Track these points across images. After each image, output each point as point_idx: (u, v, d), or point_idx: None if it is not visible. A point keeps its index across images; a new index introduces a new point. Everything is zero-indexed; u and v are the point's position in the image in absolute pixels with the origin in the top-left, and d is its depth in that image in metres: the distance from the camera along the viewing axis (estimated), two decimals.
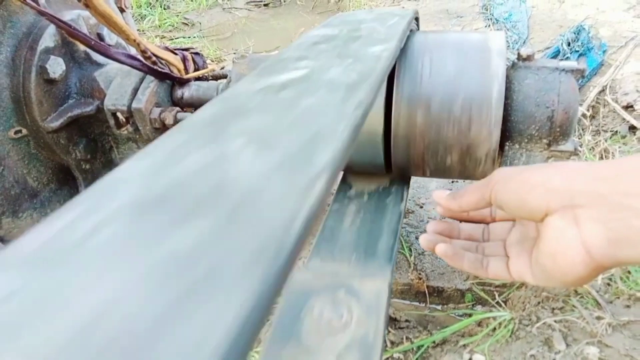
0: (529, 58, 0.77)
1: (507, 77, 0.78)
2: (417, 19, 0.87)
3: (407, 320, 0.77)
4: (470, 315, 0.71)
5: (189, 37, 2.51)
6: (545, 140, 0.77)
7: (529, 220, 0.46)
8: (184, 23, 2.83)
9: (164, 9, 2.96)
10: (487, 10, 1.66)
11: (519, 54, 0.77)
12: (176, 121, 0.90)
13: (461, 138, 0.75)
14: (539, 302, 0.73)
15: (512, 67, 0.79)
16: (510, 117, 0.77)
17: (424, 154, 0.79)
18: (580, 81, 1.26)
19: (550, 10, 1.57)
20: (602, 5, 1.48)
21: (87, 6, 0.84)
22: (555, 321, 0.66)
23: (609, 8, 1.46)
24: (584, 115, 1.23)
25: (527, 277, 0.47)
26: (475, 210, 0.54)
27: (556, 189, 0.40)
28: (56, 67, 0.90)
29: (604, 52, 1.30)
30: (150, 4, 2.94)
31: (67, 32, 0.82)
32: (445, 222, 0.58)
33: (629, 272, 0.71)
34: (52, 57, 0.90)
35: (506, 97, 0.76)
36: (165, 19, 2.78)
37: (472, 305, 0.85)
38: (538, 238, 0.43)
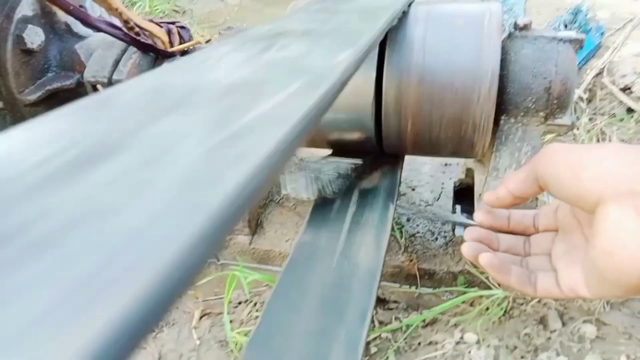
0: (525, 27, 0.74)
1: (503, 47, 0.75)
2: None
3: (396, 301, 0.74)
4: (463, 293, 0.68)
5: None
6: (542, 114, 0.74)
7: (577, 206, 0.40)
8: (175, 10, 2.77)
9: None
10: None
11: (515, 23, 0.74)
12: None
13: (455, 113, 0.72)
14: None
15: (509, 37, 0.76)
16: (506, 89, 0.74)
17: (416, 129, 0.76)
18: (578, 63, 1.23)
19: None
20: None
21: None
22: (550, 299, 0.63)
23: None
24: (580, 98, 1.20)
25: (582, 290, 0.41)
26: (523, 194, 0.47)
27: (613, 173, 0.35)
28: (34, 36, 0.86)
29: (602, 34, 1.28)
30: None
31: None
32: (484, 229, 0.51)
33: None
34: (30, 26, 0.86)
35: (502, 68, 0.73)
36: (156, 6, 2.73)
37: (466, 287, 0.82)
38: (591, 235, 0.37)
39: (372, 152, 0.83)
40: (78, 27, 0.94)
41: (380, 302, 0.74)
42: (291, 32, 0.38)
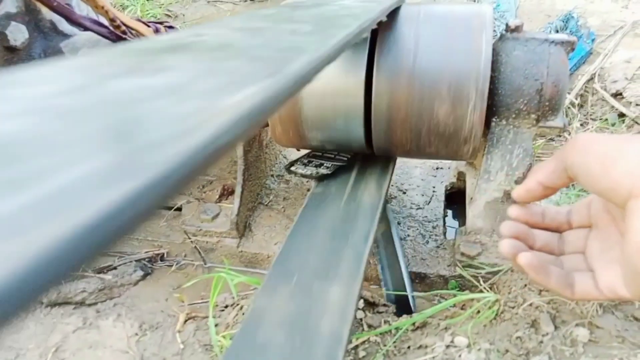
0: (517, 29, 0.73)
1: (495, 49, 0.74)
2: None
3: (385, 305, 0.73)
4: (454, 296, 0.67)
5: None
6: (533, 116, 0.73)
7: (608, 199, 0.39)
8: (167, 15, 2.76)
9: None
10: (476, 1, 1.63)
11: (507, 25, 0.73)
12: None
13: (445, 115, 0.71)
14: (525, 285, 0.69)
15: (500, 39, 0.75)
16: (497, 91, 0.74)
17: (406, 132, 0.75)
18: (569, 69, 1.23)
19: (538, 0, 1.55)
20: None
21: None
22: (542, 302, 0.62)
23: None
24: (572, 103, 1.20)
25: (621, 290, 0.39)
26: (553, 184, 0.45)
27: None
28: (17, 34, 0.85)
29: (593, 40, 1.28)
30: None
31: None
32: (520, 224, 0.49)
33: None
34: (13, 23, 0.84)
35: (493, 70, 0.73)
36: (147, 10, 2.72)
37: (457, 291, 0.81)
38: (625, 232, 0.36)
39: (362, 154, 0.81)
40: (63, 25, 0.92)
41: (370, 305, 0.72)
42: (195, 46, 0.27)
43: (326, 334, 0.46)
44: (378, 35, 0.73)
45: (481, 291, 0.68)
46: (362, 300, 0.71)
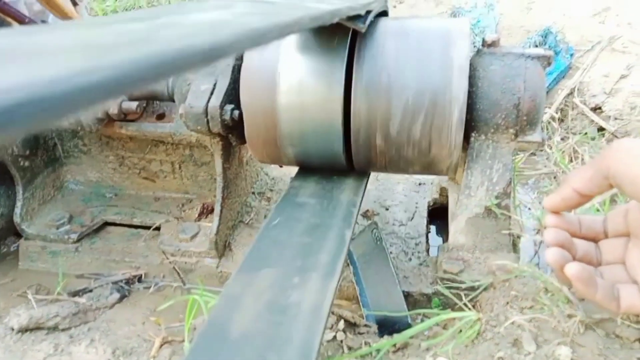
0: (494, 44, 0.73)
1: (472, 64, 0.74)
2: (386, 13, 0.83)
3: (366, 325, 0.71)
4: (437, 315, 0.65)
5: None
6: (512, 130, 0.73)
7: None
8: None
9: None
10: (455, 16, 1.65)
11: (484, 40, 0.73)
12: (120, 111, 0.83)
13: (424, 130, 0.71)
14: (507, 302, 0.68)
15: (477, 53, 0.75)
16: (475, 106, 0.73)
17: (385, 147, 0.74)
18: (549, 84, 1.24)
19: (518, 16, 1.57)
20: (569, 12, 1.48)
21: None
22: (524, 320, 0.61)
23: (575, 14, 1.46)
24: (553, 117, 1.21)
25: None
26: (590, 192, 0.43)
27: None
28: None
29: (572, 55, 1.29)
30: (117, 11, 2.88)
31: None
32: (563, 232, 0.46)
33: None
34: None
35: (471, 85, 0.73)
36: None
37: (440, 310, 0.79)
38: None
39: (341, 169, 0.80)
40: None
41: (351, 326, 0.71)
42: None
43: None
44: (356, 49, 0.73)
45: (463, 309, 0.66)
46: (342, 321, 0.69)
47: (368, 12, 0.67)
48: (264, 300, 0.50)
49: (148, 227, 0.98)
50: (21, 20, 0.76)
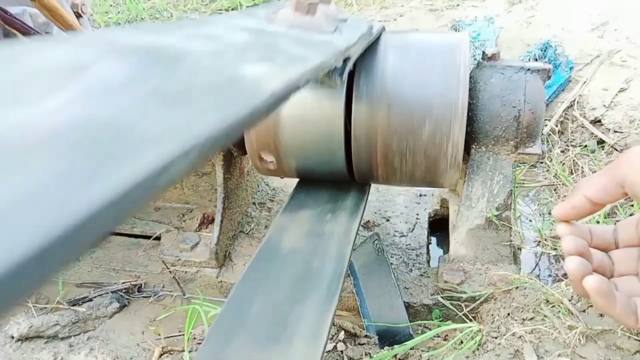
0: (494, 57, 0.74)
1: (472, 77, 0.75)
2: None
3: (367, 336, 0.71)
4: (437, 326, 0.65)
5: None
6: (512, 142, 0.74)
7: None
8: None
9: None
10: (456, 30, 1.67)
11: (484, 53, 0.74)
12: None
13: (425, 142, 0.71)
14: (508, 314, 0.68)
15: (477, 66, 0.76)
16: (476, 118, 0.74)
17: (386, 159, 0.75)
18: (549, 97, 1.25)
19: (517, 30, 1.58)
20: (568, 26, 1.49)
21: None
22: (525, 332, 0.61)
23: (574, 29, 1.48)
24: (553, 130, 1.22)
25: None
26: (602, 201, 0.42)
27: None
28: None
29: (571, 68, 1.30)
30: (120, 23, 2.90)
31: (3, 18, 0.76)
32: (581, 240, 0.44)
33: None
34: None
35: (471, 97, 0.73)
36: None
37: (441, 321, 0.79)
38: None
39: (343, 181, 0.81)
40: None
41: (351, 336, 0.71)
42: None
43: None
44: (357, 62, 0.73)
45: (464, 320, 0.66)
46: (342, 332, 0.69)
47: (346, 60, 0.51)
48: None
49: (148, 237, 0.98)
50: (26, 32, 0.77)
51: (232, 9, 2.34)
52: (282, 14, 0.45)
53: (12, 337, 0.79)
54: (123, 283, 0.92)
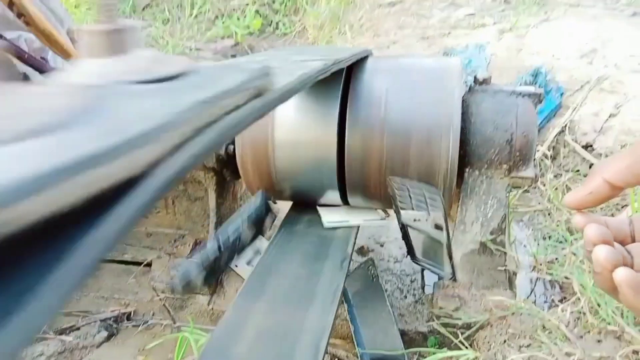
0: (485, 81, 0.75)
1: (465, 101, 0.75)
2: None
3: None
4: (433, 354, 0.64)
5: None
6: (505, 166, 0.74)
7: None
8: None
9: None
10: (448, 56, 1.69)
11: (475, 77, 0.75)
12: None
13: (418, 166, 0.71)
14: (504, 340, 0.66)
15: (469, 91, 0.76)
16: (469, 142, 0.74)
17: (380, 183, 0.74)
18: (540, 122, 1.26)
19: (508, 57, 1.61)
20: (558, 54, 1.52)
21: (27, 24, 0.79)
22: (522, 359, 0.59)
23: (564, 56, 1.50)
24: (545, 155, 1.22)
25: None
26: (624, 183, 0.38)
27: None
28: None
29: (562, 94, 1.32)
30: None
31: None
32: (605, 228, 0.40)
33: (599, 305, 0.65)
34: None
35: (464, 121, 0.73)
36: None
37: (436, 348, 0.78)
38: None
39: (336, 204, 0.80)
40: (37, 78, 0.92)
41: None
42: None
43: None
44: (350, 87, 0.74)
45: (459, 348, 0.65)
46: None
47: None
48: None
49: (139, 263, 0.96)
50: (21, 56, 0.77)
51: (228, 37, 2.37)
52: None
53: None
54: (112, 311, 0.90)
